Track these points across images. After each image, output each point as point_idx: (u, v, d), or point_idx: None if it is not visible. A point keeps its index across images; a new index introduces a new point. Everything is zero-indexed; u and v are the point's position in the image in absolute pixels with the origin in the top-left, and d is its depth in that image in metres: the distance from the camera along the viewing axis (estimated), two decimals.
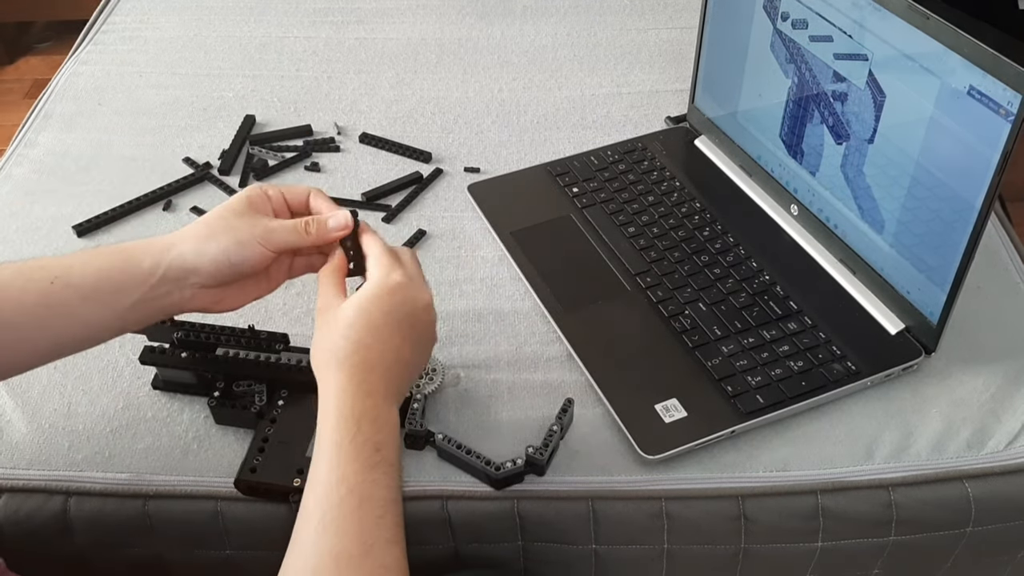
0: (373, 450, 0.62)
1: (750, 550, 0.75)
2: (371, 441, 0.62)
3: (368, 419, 0.63)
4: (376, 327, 0.67)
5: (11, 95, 2.34)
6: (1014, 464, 0.75)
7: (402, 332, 0.67)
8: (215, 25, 1.27)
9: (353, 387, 0.64)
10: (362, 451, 0.62)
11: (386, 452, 0.63)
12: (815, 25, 0.85)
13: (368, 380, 0.65)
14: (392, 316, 0.67)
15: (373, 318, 0.67)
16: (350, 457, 0.62)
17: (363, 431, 0.63)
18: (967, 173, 0.73)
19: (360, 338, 0.66)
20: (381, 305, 0.67)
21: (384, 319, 0.67)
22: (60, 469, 0.75)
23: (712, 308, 0.85)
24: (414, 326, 0.69)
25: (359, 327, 0.66)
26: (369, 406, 0.64)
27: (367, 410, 0.64)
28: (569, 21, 1.28)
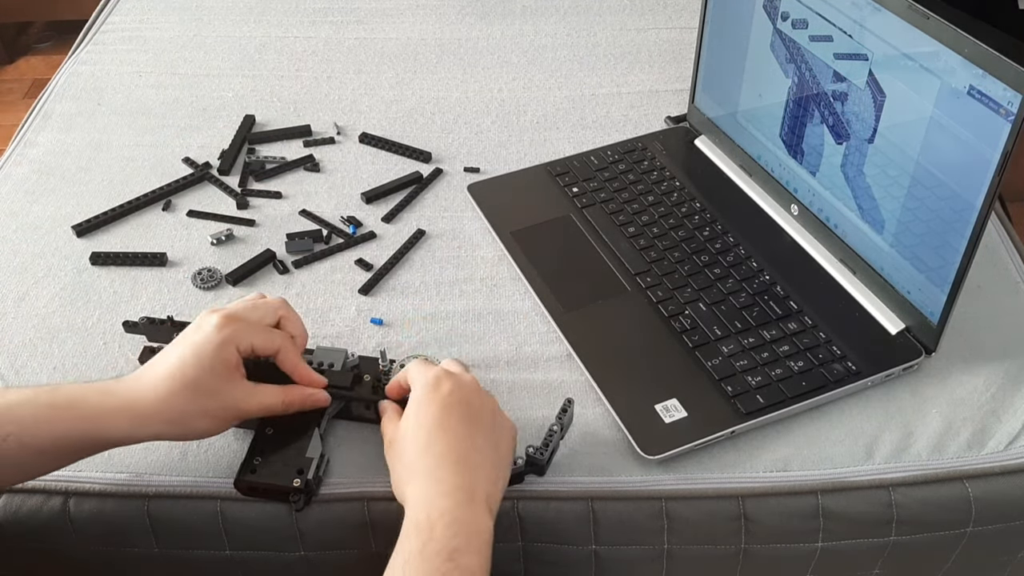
0: (444, 559, 0.57)
1: (750, 550, 0.75)
2: (445, 549, 0.57)
3: (443, 523, 0.59)
4: (435, 423, 0.64)
5: (11, 95, 2.34)
6: (1014, 464, 0.75)
7: (467, 420, 0.65)
8: (215, 25, 1.27)
9: (429, 490, 0.61)
10: (431, 562, 0.57)
11: (464, 560, 0.58)
12: (815, 25, 0.85)
13: (441, 478, 0.61)
14: (449, 406, 0.65)
15: (431, 416, 0.65)
16: (416, 571, 0.57)
17: (436, 538, 0.58)
18: (967, 173, 0.73)
19: (426, 439, 0.64)
20: (434, 401, 0.66)
21: (442, 412, 0.65)
22: (60, 469, 0.75)
23: (712, 308, 0.85)
24: (475, 410, 0.66)
25: (421, 432, 0.64)
26: (446, 509, 0.60)
27: (443, 514, 0.59)
28: (569, 21, 1.28)
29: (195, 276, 0.91)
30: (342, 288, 0.90)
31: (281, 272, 0.92)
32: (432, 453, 0.63)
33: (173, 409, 0.66)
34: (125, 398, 0.65)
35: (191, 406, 0.66)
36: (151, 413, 0.65)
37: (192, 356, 0.66)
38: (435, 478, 0.62)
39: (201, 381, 0.66)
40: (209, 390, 0.66)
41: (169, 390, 0.65)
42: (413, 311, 0.88)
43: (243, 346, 0.68)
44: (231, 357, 0.67)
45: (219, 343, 0.67)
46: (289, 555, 0.74)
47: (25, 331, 0.86)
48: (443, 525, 0.59)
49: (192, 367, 0.66)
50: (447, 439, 0.64)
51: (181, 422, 0.66)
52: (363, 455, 0.75)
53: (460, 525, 0.59)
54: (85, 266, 0.92)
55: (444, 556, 0.58)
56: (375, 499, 0.73)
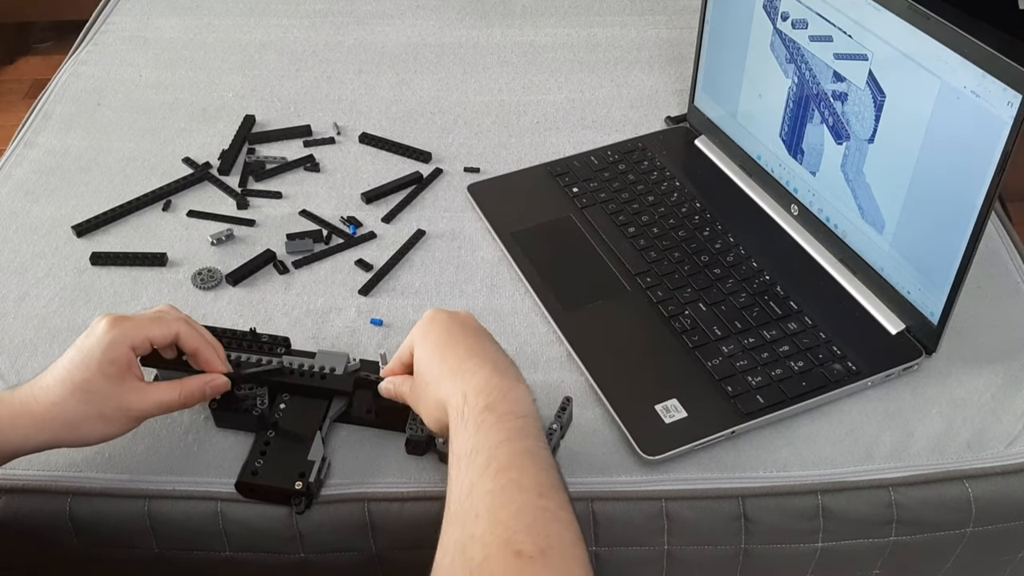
0: (480, 411, 0.59)
1: (750, 550, 0.75)
2: (478, 406, 0.60)
3: (474, 392, 0.61)
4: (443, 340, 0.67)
5: (11, 95, 2.34)
6: (1014, 464, 0.75)
7: (470, 334, 0.68)
8: (215, 25, 1.27)
9: (457, 380, 0.63)
10: (469, 421, 0.60)
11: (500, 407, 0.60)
12: (815, 25, 0.85)
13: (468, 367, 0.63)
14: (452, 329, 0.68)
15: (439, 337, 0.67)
16: (456, 435, 0.60)
17: (470, 403, 0.60)
18: (967, 173, 0.73)
19: (441, 352, 0.66)
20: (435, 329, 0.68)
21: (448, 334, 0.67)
22: (60, 469, 0.75)
23: (712, 308, 0.85)
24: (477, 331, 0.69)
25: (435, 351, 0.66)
26: (476, 380, 0.62)
27: (474, 386, 0.62)
28: (569, 21, 1.27)
29: (195, 276, 0.91)
30: (342, 289, 0.90)
31: (281, 272, 0.92)
32: (451, 357, 0.65)
33: (66, 413, 0.66)
34: (19, 406, 0.66)
35: (84, 409, 0.66)
36: (45, 419, 0.66)
37: (80, 359, 0.66)
38: (461, 369, 0.64)
39: (91, 383, 0.66)
40: (100, 392, 0.66)
41: (60, 394, 0.66)
42: (413, 311, 0.88)
43: (138, 342, 0.68)
44: (121, 357, 0.67)
45: (107, 344, 0.66)
46: (289, 556, 0.74)
47: (25, 331, 0.86)
48: (475, 392, 0.61)
49: (80, 369, 0.66)
50: (458, 347, 0.66)
51: (76, 426, 0.67)
52: (363, 457, 0.75)
53: (492, 387, 0.61)
54: (85, 266, 0.92)
55: (479, 410, 0.60)
56: (375, 500, 0.73)
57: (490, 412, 0.60)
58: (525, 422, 0.60)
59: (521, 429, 0.59)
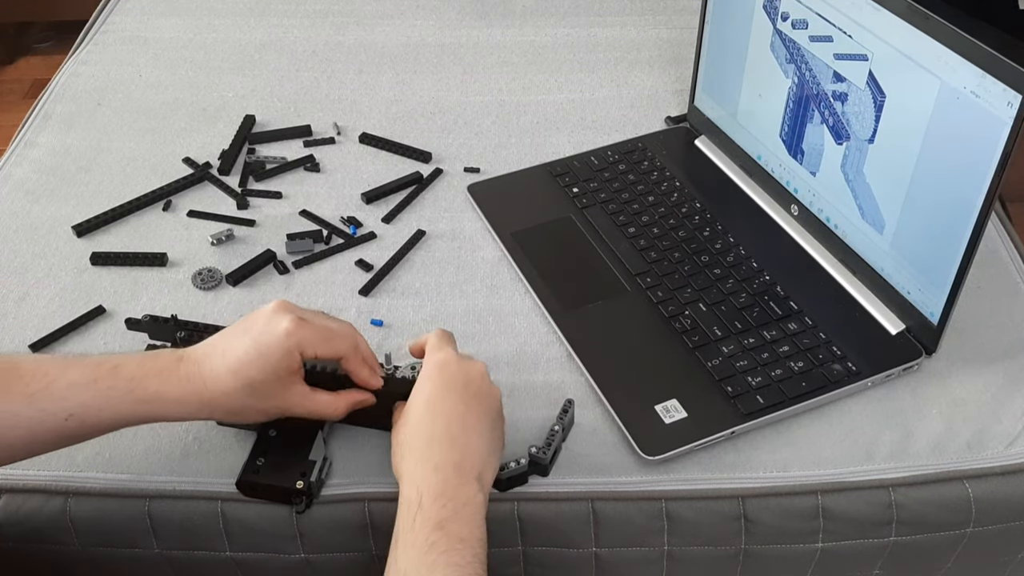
0: (432, 528, 0.59)
1: (751, 551, 0.75)
2: (431, 520, 0.59)
3: (431, 495, 0.60)
4: (433, 401, 0.66)
5: (11, 95, 2.34)
6: (1014, 464, 0.75)
7: (464, 401, 0.66)
8: (215, 25, 1.27)
9: (419, 469, 0.62)
10: (419, 534, 0.59)
11: (452, 527, 0.59)
12: (815, 25, 0.85)
13: (433, 454, 0.63)
14: (450, 389, 0.67)
15: (430, 396, 0.66)
16: (407, 544, 0.59)
17: (424, 510, 0.60)
18: (967, 173, 0.73)
19: (421, 422, 0.65)
20: (436, 383, 0.67)
21: (442, 395, 0.66)
22: (60, 469, 0.75)
23: (712, 308, 0.85)
24: (476, 394, 0.68)
25: (419, 413, 0.66)
26: (434, 482, 0.61)
27: (431, 487, 0.61)
28: (569, 21, 1.27)
29: (195, 276, 0.91)
30: (342, 289, 0.90)
31: (281, 272, 0.92)
32: (424, 432, 0.65)
33: (234, 404, 0.67)
34: (187, 387, 0.66)
35: (251, 403, 0.67)
36: (212, 404, 0.67)
37: (256, 356, 0.66)
38: (426, 456, 0.63)
39: (265, 384, 0.67)
40: (270, 392, 0.67)
41: (233, 388, 0.66)
42: (413, 312, 0.88)
43: (308, 353, 0.68)
44: (294, 363, 0.67)
45: (287, 350, 0.66)
46: (289, 556, 0.74)
47: (25, 331, 0.86)
48: (431, 498, 0.61)
49: (257, 369, 0.66)
50: (444, 420, 0.66)
51: (238, 413, 0.68)
52: (363, 457, 0.75)
53: (448, 497, 0.61)
54: (85, 266, 0.92)
55: (432, 526, 0.59)
56: (375, 500, 0.73)
57: (442, 533, 0.59)
58: (470, 554, 0.59)
59: (465, 566, 0.59)
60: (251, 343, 0.67)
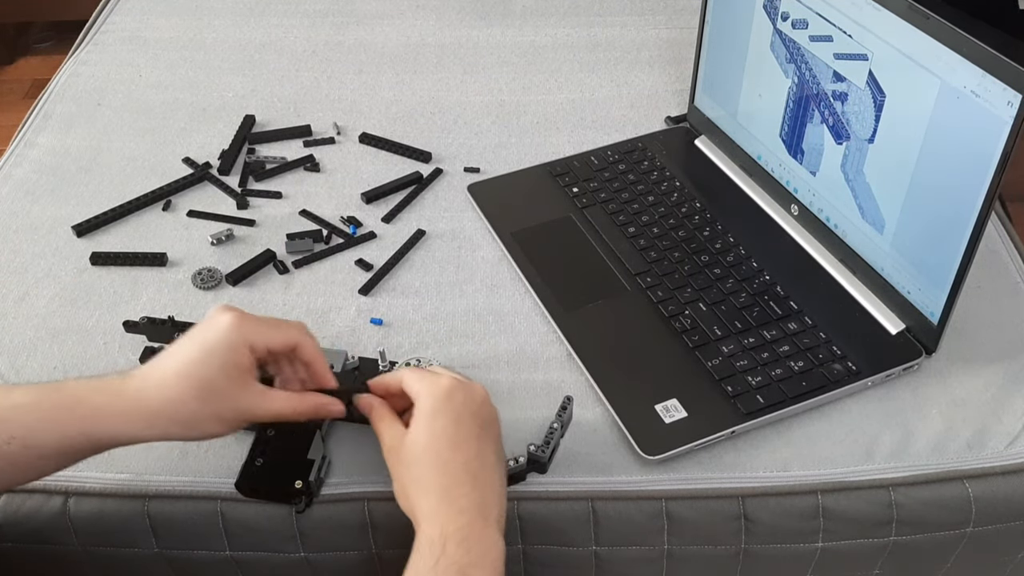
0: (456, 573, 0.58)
1: (750, 550, 0.75)
2: (455, 565, 0.58)
3: (455, 540, 0.59)
4: (448, 438, 0.63)
5: (11, 95, 2.34)
6: (1014, 464, 0.75)
7: (476, 433, 0.65)
8: (215, 25, 1.27)
9: (443, 508, 0.61)
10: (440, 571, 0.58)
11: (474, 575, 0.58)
12: (815, 25, 0.85)
13: (456, 496, 0.61)
14: (462, 421, 0.64)
15: (442, 430, 0.64)
16: None
17: (448, 554, 0.58)
18: (967, 173, 0.73)
19: (437, 455, 0.63)
20: (447, 414, 0.64)
21: (456, 427, 0.64)
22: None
23: (712, 308, 0.85)
24: (485, 424, 0.66)
25: (432, 446, 0.63)
26: (460, 526, 0.60)
27: (456, 531, 0.60)
28: (569, 21, 1.27)
29: (195, 276, 0.91)
30: (342, 288, 0.90)
31: (281, 272, 0.92)
32: (447, 471, 0.63)
33: (183, 411, 0.63)
34: (132, 399, 0.63)
35: (203, 409, 0.63)
36: (160, 415, 0.63)
37: (201, 355, 0.63)
38: (450, 496, 0.61)
39: (214, 383, 0.63)
40: (221, 393, 0.63)
41: (180, 392, 0.62)
42: (413, 311, 0.88)
43: (258, 346, 0.65)
44: (244, 359, 0.64)
45: (232, 343, 0.64)
46: (289, 556, 0.74)
47: (25, 331, 0.86)
48: (455, 543, 0.59)
49: (204, 367, 0.63)
50: (462, 456, 0.63)
51: (191, 424, 0.64)
52: (363, 456, 0.75)
53: (472, 543, 0.60)
54: (85, 266, 0.92)
55: (455, 571, 0.58)
56: (375, 499, 0.73)
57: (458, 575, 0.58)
58: None
59: None
60: (197, 344, 0.64)
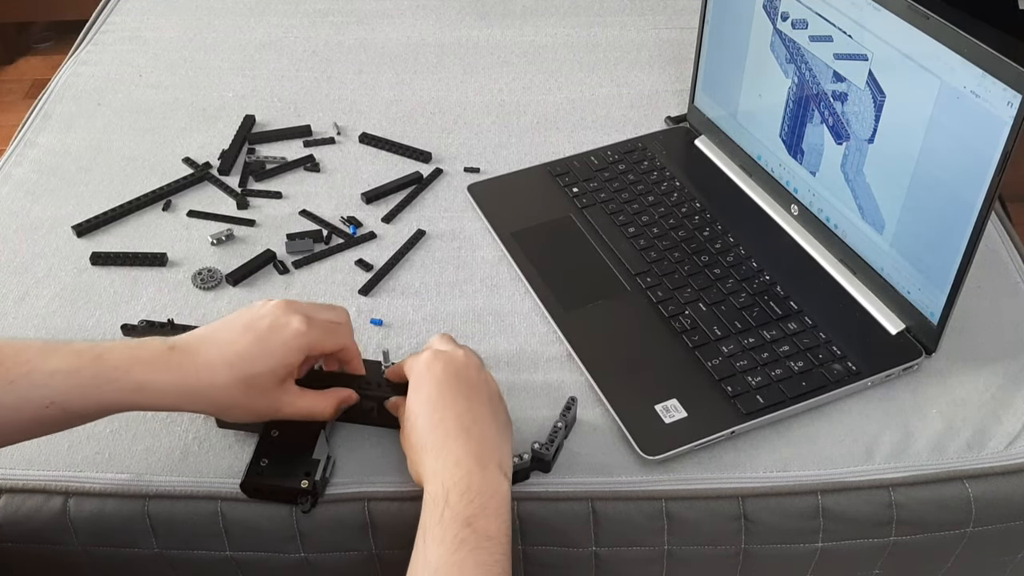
0: (461, 525, 0.59)
1: (750, 550, 0.75)
2: (460, 516, 0.59)
3: (457, 491, 0.61)
4: (435, 399, 0.66)
5: (11, 95, 2.34)
6: (1014, 464, 0.75)
7: (464, 393, 0.67)
8: (215, 25, 1.27)
9: (440, 463, 0.63)
10: (448, 530, 0.59)
11: (480, 524, 0.59)
12: (815, 25, 0.85)
13: (451, 448, 0.63)
14: (444, 385, 0.67)
15: (429, 394, 0.67)
16: (436, 540, 0.59)
17: (451, 506, 0.60)
18: (967, 173, 0.73)
19: (429, 418, 0.66)
20: (429, 382, 0.67)
21: (439, 392, 0.66)
22: (60, 469, 0.75)
23: (712, 308, 0.85)
24: (472, 385, 0.68)
25: (423, 412, 0.66)
26: (459, 478, 0.61)
27: (456, 482, 0.61)
28: (569, 21, 1.27)
29: (195, 276, 0.91)
30: (342, 288, 0.90)
31: (281, 272, 0.92)
32: (438, 429, 0.65)
33: (223, 398, 0.65)
34: (175, 376, 0.64)
35: (243, 400, 0.66)
36: (199, 396, 0.65)
37: (261, 354, 0.65)
38: (445, 450, 0.63)
39: (260, 381, 0.65)
40: (265, 391, 0.66)
41: (228, 380, 0.64)
42: (413, 311, 0.88)
43: (316, 351, 0.69)
44: (295, 362, 0.67)
45: (292, 350, 0.66)
46: (289, 556, 0.74)
47: (25, 331, 0.86)
48: (457, 493, 0.61)
49: (260, 366, 0.65)
50: (451, 414, 0.66)
51: (225, 409, 0.67)
52: (363, 456, 0.75)
53: (474, 493, 0.61)
54: (85, 266, 0.92)
55: (460, 522, 0.59)
56: (375, 500, 0.73)
57: (470, 530, 0.59)
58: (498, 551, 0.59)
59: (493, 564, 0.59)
60: (255, 340, 0.65)
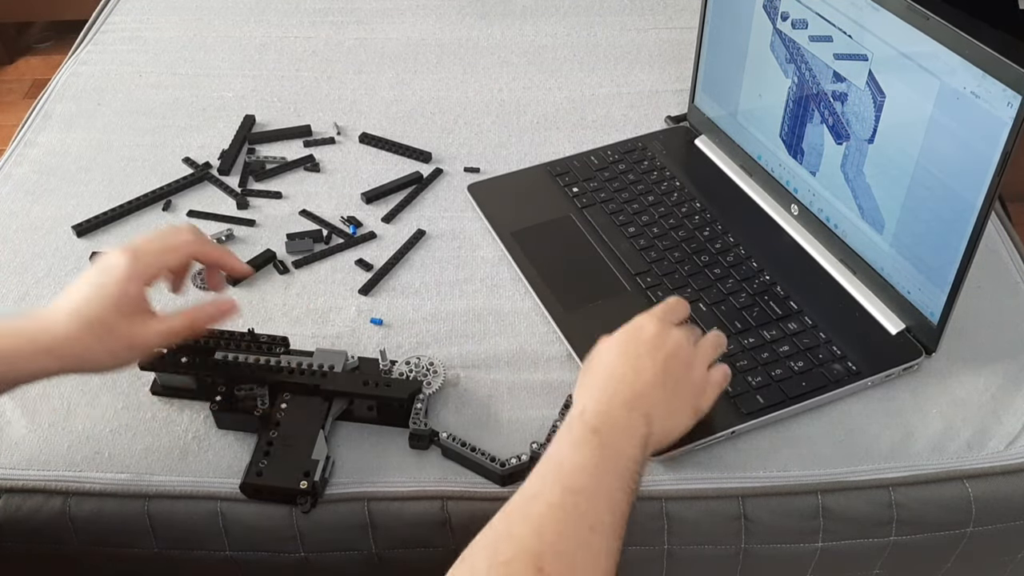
0: (589, 431, 0.61)
1: (750, 550, 0.75)
2: (588, 425, 0.62)
3: (594, 410, 0.63)
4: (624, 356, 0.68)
5: (11, 95, 2.34)
6: (1014, 464, 0.75)
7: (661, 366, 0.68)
8: (215, 25, 1.27)
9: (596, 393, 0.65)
10: (576, 432, 0.61)
11: (606, 436, 0.61)
12: (815, 25, 0.85)
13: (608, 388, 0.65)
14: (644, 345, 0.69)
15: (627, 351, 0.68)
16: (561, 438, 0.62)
17: (584, 417, 0.62)
18: (967, 173, 0.73)
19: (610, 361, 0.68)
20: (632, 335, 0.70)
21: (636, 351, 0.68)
22: (60, 469, 0.75)
23: (712, 308, 0.85)
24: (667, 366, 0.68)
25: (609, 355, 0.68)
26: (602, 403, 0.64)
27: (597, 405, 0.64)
28: (569, 21, 1.28)
29: (195, 276, 0.91)
30: (342, 288, 0.90)
31: (281, 272, 0.92)
32: (613, 375, 0.66)
33: (78, 347, 0.67)
34: (35, 338, 0.66)
35: (96, 345, 0.67)
36: (58, 351, 0.66)
37: (95, 295, 0.67)
38: (604, 388, 0.65)
39: (105, 320, 0.67)
40: (113, 329, 0.67)
41: (74, 329, 0.66)
42: (413, 311, 0.88)
43: (156, 275, 0.70)
44: (137, 294, 0.69)
45: (124, 281, 0.68)
46: (289, 556, 0.74)
47: None
48: (593, 412, 0.63)
49: (95, 306, 0.67)
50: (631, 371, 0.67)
51: (85, 359, 0.68)
52: (363, 456, 0.75)
53: (610, 417, 0.63)
54: (85, 266, 0.92)
55: (589, 429, 0.61)
56: (375, 500, 0.73)
57: (595, 435, 0.61)
58: (621, 464, 0.61)
59: (612, 468, 0.60)
60: (87, 285, 0.68)
